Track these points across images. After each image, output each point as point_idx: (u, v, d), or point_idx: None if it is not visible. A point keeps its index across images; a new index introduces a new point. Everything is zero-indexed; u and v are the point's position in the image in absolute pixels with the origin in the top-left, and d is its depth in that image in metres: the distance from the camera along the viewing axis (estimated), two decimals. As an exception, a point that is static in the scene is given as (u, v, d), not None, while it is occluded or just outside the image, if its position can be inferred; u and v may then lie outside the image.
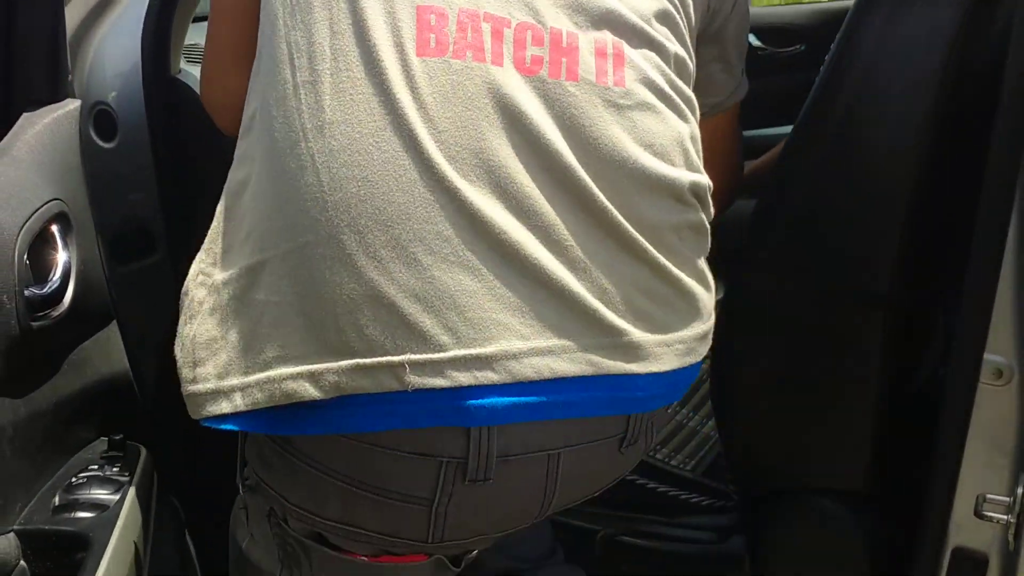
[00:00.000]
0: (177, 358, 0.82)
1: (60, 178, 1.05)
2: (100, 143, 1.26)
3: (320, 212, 0.71)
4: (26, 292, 0.92)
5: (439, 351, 0.70)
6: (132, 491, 1.00)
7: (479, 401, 0.71)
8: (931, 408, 0.96)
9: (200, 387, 0.78)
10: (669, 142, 0.79)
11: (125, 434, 1.08)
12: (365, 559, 0.82)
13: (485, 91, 0.72)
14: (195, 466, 1.59)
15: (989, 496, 0.91)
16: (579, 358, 0.74)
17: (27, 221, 0.94)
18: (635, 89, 0.77)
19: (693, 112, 0.84)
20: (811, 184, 1.03)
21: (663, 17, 0.81)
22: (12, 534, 0.92)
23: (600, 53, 0.76)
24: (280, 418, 0.74)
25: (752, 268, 1.07)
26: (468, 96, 0.72)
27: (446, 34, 0.73)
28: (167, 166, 1.36)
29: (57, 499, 0.97)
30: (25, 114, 1.03)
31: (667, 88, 0.80)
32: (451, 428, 0.73)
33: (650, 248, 0.77)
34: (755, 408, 1.13)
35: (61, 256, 1.01)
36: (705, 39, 0.92)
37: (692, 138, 0.82)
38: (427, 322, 0.70)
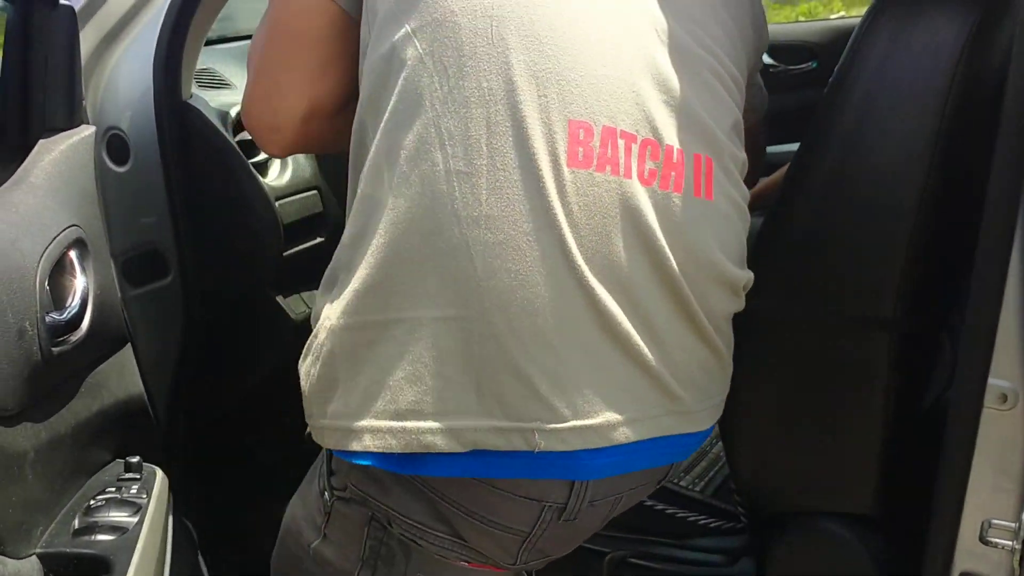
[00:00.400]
0: (304, 392, 0.92)
1: (76, 204, 1.06)
2: (113, 167, 1.28)
3: (472, 293, 0.81)
4: (47, 318, 0.94)
5: (562, 422, 0.83)
6: (150, 513, 1.01)
7: (585, 461, 0.86)
8: (938, 431, 0.95)
9: (328, 423, 0.89)
10: (738, 246, 0.93)
11: (140, 456, 1.09)
12: (465, 564, 0.94)
13: (618, 201, 0.83)
14: (208, 488, 1.60)
15: (995, 521, 0.91)
16: (653, 425, 0.88)
17: (47, 248, 0.96)
18: (719, 202, 0.90)
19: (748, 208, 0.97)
20: (814, 206, 1.03)
21: (736, 127, 0.93)
22: (35, 557, 0.93)
23: (697, 169, 0.88)
24: (413, 459, 0.85)
25: (756, 292, 1.07)
26: (605, 206, 0.82)
27: (591, 148, 0.82)
28: (178, 190, 1.38)
29: (77, 522, 0.98)
30: (42, 141, 1.05)
31: (739, 198, 0.93)
32: (559, 480, 0.88)
33: (712, 333, 0.91)
34: (762, 432, 1.13)
35: (79, 282, 1.02)
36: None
37: (748, 235, 0.96)
38: (556, 398, 0.82)
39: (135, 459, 1.06)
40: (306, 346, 0.92)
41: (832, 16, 6.10)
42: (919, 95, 0.96)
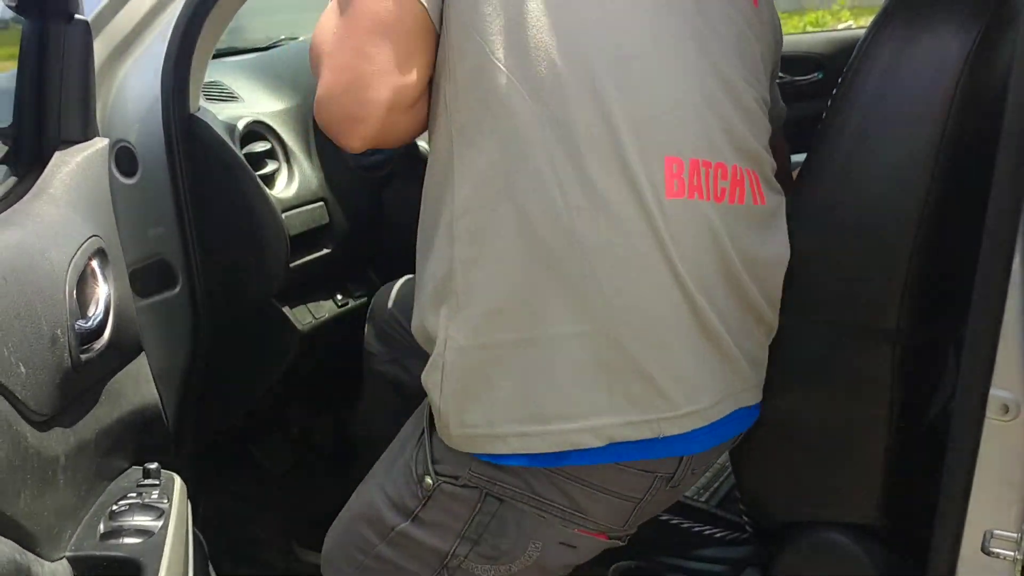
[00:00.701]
0: (436, 405, 1.01)
1: (95, 215, 1.08)
2: (121, 179, 1.29)
3: (601, 311, 0.94)
4: (76, 326, 0.96)
5: (679, 410, 0.98)
6: (174, 517, 1.02)
7: (694, 438, 1.00)
8: (942, 442, 0.96)
9: (469, 431, 1.00)
10: (784, 240, 1.05)
11: (151, 462, 1.10)
12: (577, 532, 1.06)
13: (704, 220, 0.97)
14: (216, 497, 1.61)
15: (997, 532, 0.91)
16: (733, 401, 1.04)
17: (73, 258, 0.98)
18: (770, 203, 1.04)
19: None
20: (818, 217, 1.03)
21: (769, 141, 1.07)
22: (65, 560, 0.95)
23: (752, 182, 1.02)
24: (556, 455, 0.99)
25: None
26: (696, 225, 0.97)
27: (683, 179, 0.96)
28: (186, 202, 1.39)
29: (102, 526, 1.00)
30: (58, 153, 1.07)
31: (779, 195, 1.06)
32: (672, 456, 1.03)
33: (768, 312, 1.05)
34: (766, 442, 1.13)
35: (102, 290, 1.04)
36: None
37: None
38: (673, 391, 0.97)
39: (153, 465, 1.07)
40: (431, 362, 1.01)
41: (839, 26, 6.10)
42: (922, 106, 0.96)
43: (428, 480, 1.05)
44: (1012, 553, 0.89)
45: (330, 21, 0.98)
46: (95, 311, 1.02)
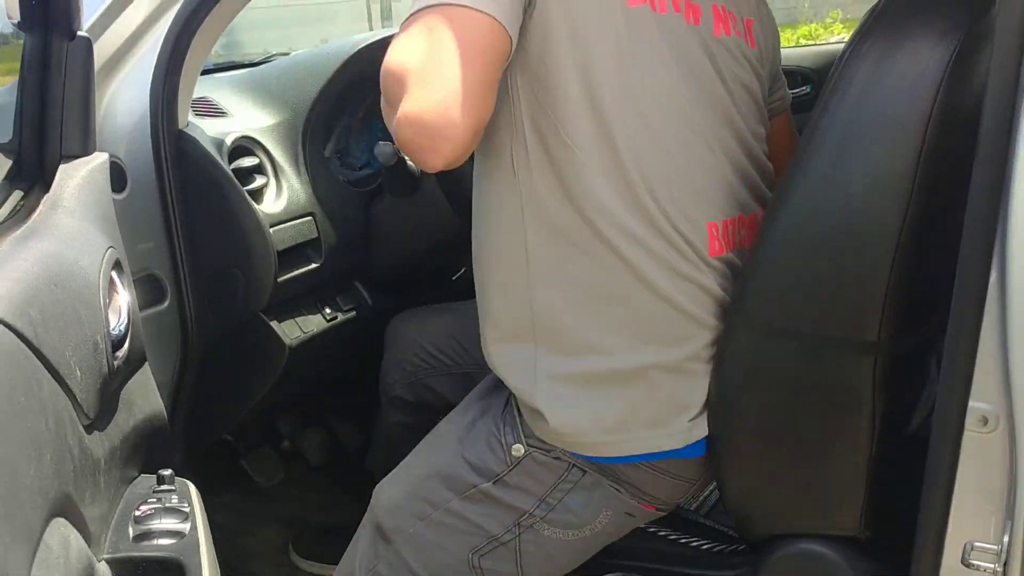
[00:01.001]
0: (531, 406, 1.14)
1: (106, 227, 1.10)
2: (111, 194, 1.30)
3: (687, 341, 1.10)
4: (110, 334, 0.99)
5: None
6: (199, 518, 1.03)
7: None
8: (924, 453, 0.96)
9: (566, 436, 1.14)
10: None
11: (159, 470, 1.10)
12: (636, 504, 1.19)
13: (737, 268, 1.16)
14: (206, 511, 1.61)
15: (977, 544, 0.91)
16: None
17: (101, 267, 1.00)
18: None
19: None
20: (797, 229, 1.03)
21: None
22: (103, 563, 0.95)
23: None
24: (656, 453, 1.14)
25: (740, 322, 1.08)
26: (734, 273, 1.15)
27: (720, 241, 1.12)
28: (175, 217, 1.40)
29: (131, 529, 1.00)
30: (62, 167, 1.08)
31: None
32: None
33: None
34: (749, 454, 1.14)
35: (123, 299, 1.06)
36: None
37: None
38: None
39: (168, 472, 1.07)
40: (522, 368, 1.14)
41: (832, 39, 6.12)
42: (901, 119, 0.97)
43: (519, 448, 1.17)
44: (992, 565, 0.90)
45: (415, 41, 0.97)
46: (119, 320, 1.04)
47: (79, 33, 1.08)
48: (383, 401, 1.65)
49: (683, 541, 1.33)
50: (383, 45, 1.69)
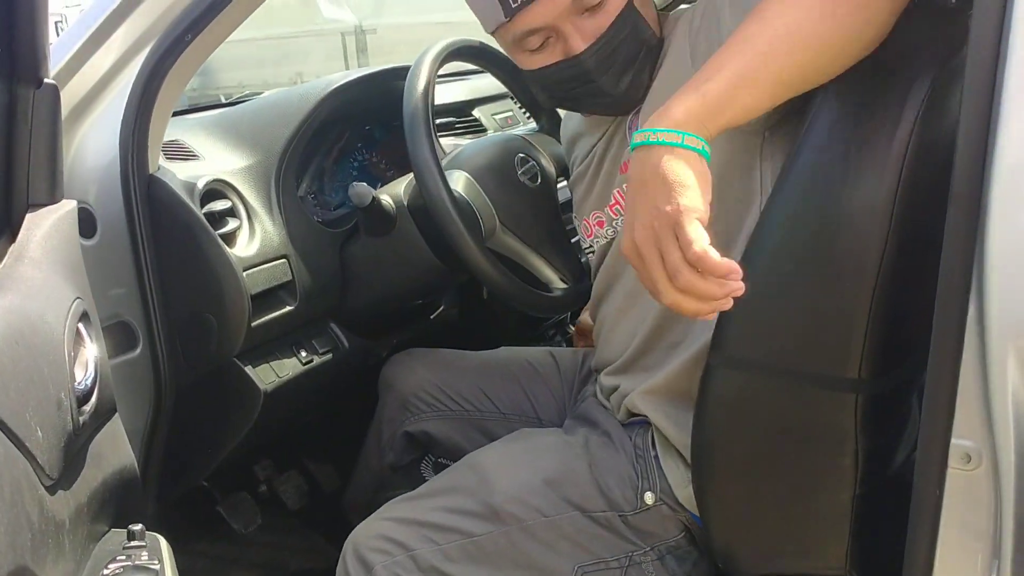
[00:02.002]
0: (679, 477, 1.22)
1: (73, 277, 1.07)
2: (80, 241, 1.28)
3: None
4: (75, 389, 0.96)
5: None
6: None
7: None
8: (909, 490, 0.95)
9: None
10: None
11: (129, 524, 1.08)
12: None
13: None
14: (182, 560, 1.58)
15: (964, 583, 0.90)
16: None
17: (67, 321, 0.98)
18: None
19: None
20: (774, 268, 1.03)
21: None
22: None
23: None
24: None
25: (720, 360, 1.07)
26: None
27: None
28: (146, 262, 1.38)
29: None
30: (29, 215, 1.06)
31: None
32: None
33: None
34: (733, 495, 1.13)
35: (90, 352, 1.04)
36: None
37: None
38: None
39: (138, 527, 1.05)
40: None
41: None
42: (877, 157, 0.97)
43: (650, 497, 1.23)
44: (980, 604, 0.89)
45: None
46: (85, 373, 1.02)
47: (46, 80, 1.07)
48: (375, 442, 1.65)
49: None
50: (355, 85, 1.70)
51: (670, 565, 1.24)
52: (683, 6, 1.42)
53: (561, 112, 1.64)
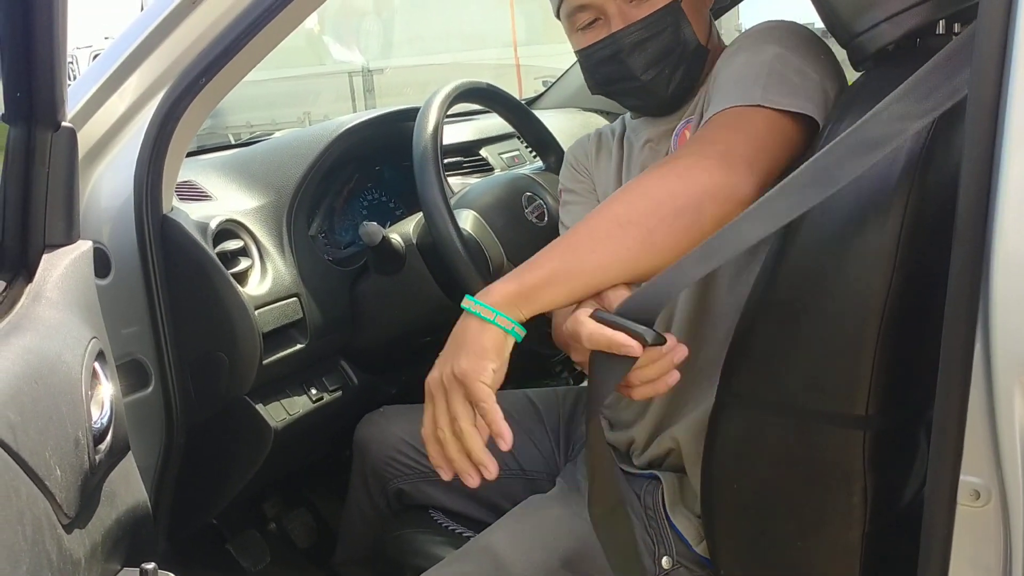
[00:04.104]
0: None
1: (89, 316, 1.09)
2: (95, 280, 1.30)
3: None
4: (92, 428, 0.98)
5: None
6: None
7: None
8: (917, 528, 0.95)
9: None
10: None
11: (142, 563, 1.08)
12: None
13: None
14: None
15: (975, 621, 0.90)
16: None
17: (84, 360, 0.99)
18: None
19: None
20: (781, 307, 1.04)
21: None
22: None
23: None
24: None
25: (728, 397, 1.08)
26: None
27: None
28: (159, 302, 1.39)
29: None
30: (46, 256, 1.07)
31: None
32: None
33: None
34: (741, 533, 1.12)
35: (106, 391, 1.05)
36: None
37: None
38: None
39: (150, 565, 1.05)
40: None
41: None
42: (881, 196, 0.98)
43: (668, 561, 1.23)
44: (991, 643, 0.89)
45: None
46: (101, 412, 1.03)
47: (63, 124, 1.09)
48: (364, 496, 1.63)
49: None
50: (365, 126, 1.72)
51: None
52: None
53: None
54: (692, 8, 1.25)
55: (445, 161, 1.51)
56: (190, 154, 1.66)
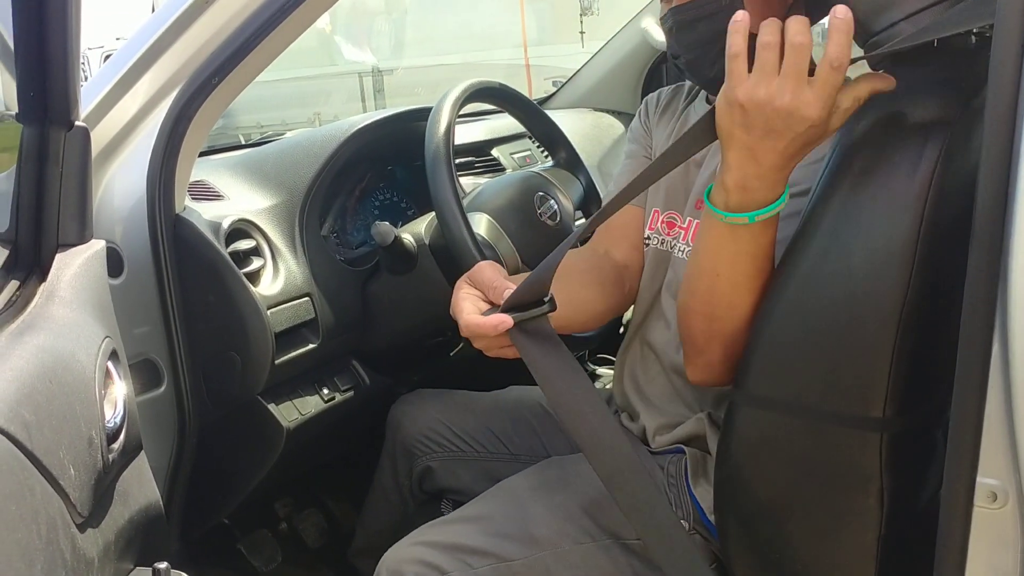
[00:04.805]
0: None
1: (102, 316, 1.09)
2: (108, 279, 1.30)
3: None
4: (105, 427, 0.98)
5: None
6: None
7: None
8: (935, 529, 0.95)
9: None
10: None
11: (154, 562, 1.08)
12: None
13: None
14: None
15: (992, 625, 0.89)
16: None
17: (97, 359, 1.00)
18: None
19: None
20: (797, 309, 1.03)
21: None
22: None
23: None
24: None
25: (744, 398, 1.07)
26: None
27: None
28: (171, 301, 1.39)
29: None
30: (59, 255, 1.08)
31: None
32: None
33: None
34: (755, 535, 1.12)
35: (119, 390, 1.05)
36: None
37: None
38: None
39: (163, 565, 1.05)
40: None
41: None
42: (899, 197, 0.97)
43: (684, 525, 1.24)
44: (1008, 647, 0.88)
45: None
46: (114, 411, 1.03)
47: (77, 123, 1.09)
48: (391, 481, 1.65)
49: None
50: (377, 126, 1.72)
51: None
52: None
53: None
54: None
55: (457, 161, 1.50)
56: (201, 154, 1.66)
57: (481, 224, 1.54)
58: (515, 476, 1.37)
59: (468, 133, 2.09)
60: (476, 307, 1.08)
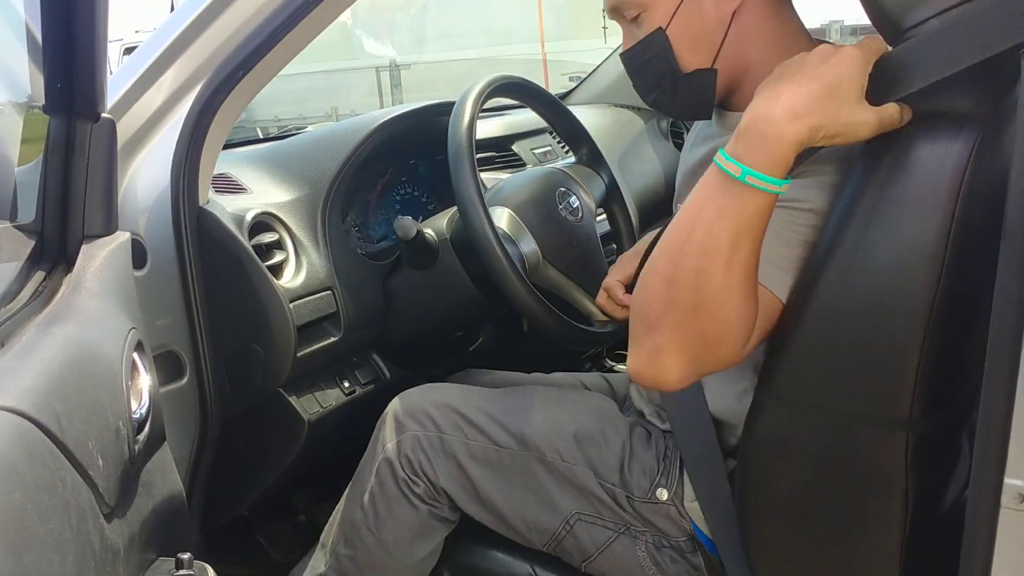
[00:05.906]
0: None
1: (127, 307, 1.09)
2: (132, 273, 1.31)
3: None
4: (132, 418, 0.98)
5: None
6: None
7: None
8: (960, 531, 0.94)
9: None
10: None
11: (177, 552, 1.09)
12: None
13: None
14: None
15: (1018, 627, 0.89)
16: None
17: (124, 350, 1.00)
18: None
19: None
20: (824, 308, 1.03)
21: None
22: None
23: None
24: None
25: (768, 397, 1.07)
26: None
27: None
28: (194, 293, 1.40)
29: None
30: (84, 247, 1.08)
31: None
32: None
33: None
34: (778, 535, 1.11)
35: (144, 381, 1.05)
36: None
37: None
38: None
39: (186, 555, 1.06)
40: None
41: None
42: (929, 196, 0.96)
43: (663, 494, 1.28)
44: (1035, 650, 0.88)
45: None
46: (140, 402, 1.04)
47: (103, 115, 1.10)
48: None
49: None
50: (400, 120, 1.72)
51: (665, 556, 1.29)
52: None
53: None
54: (680, 33, 1.16)
55: (477, 156, 1.50)
56: (224, 147, 1.66)
57: (503, 218, 1.54)
58: (541, 387, 1.48)
59: (488, 128, 2.09)
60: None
